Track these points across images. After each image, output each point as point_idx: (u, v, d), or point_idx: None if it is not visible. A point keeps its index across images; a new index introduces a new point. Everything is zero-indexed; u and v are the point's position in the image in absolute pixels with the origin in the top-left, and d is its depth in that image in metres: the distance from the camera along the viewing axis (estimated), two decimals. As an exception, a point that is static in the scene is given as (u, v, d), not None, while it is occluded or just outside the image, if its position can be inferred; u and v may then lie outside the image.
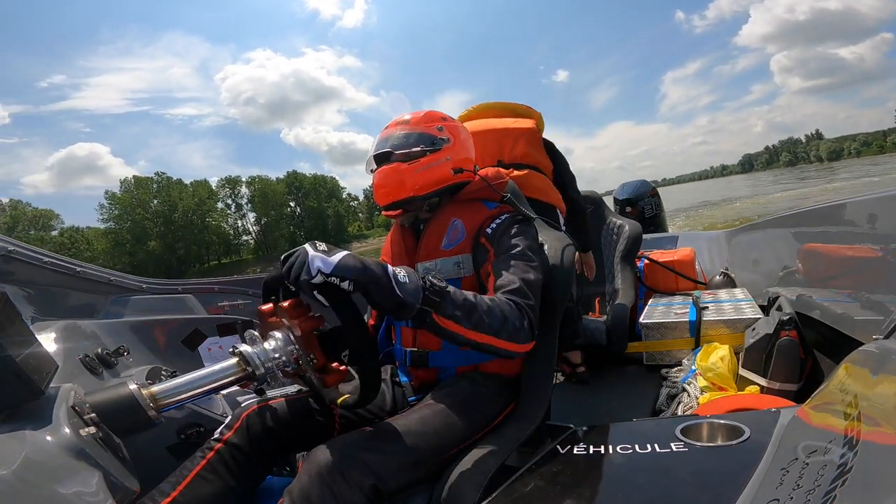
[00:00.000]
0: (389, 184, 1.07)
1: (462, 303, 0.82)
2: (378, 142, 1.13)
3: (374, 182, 1.09)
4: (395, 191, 1.07)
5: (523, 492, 0.68)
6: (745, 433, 0.69)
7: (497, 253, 1.01)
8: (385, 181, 1.07)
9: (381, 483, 0.75)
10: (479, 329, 0.83)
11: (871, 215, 1.18)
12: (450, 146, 1.11)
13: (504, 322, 0.85)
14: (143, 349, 1.52)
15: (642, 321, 1.94)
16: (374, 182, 1.09)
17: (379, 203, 1.10)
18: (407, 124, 1.13)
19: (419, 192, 1.07)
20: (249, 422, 0.92)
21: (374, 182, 1.10)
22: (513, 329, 0.86)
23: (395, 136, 1.11)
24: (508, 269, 0.96)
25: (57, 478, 0.57)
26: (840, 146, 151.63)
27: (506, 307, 0.87)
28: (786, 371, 1.38)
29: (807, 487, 0.44)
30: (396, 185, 1.06)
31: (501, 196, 1.12)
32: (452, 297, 0.81)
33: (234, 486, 0.86)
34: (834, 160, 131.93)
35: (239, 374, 0.79)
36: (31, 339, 0.72)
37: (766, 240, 2.21)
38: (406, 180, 1.06)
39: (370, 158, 1.13)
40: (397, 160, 1.08)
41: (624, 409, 1.63)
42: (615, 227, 2.28)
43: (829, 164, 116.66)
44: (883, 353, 0.59)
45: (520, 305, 0.89)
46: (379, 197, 1.09)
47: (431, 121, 1.13)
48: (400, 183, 1.06)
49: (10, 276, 1.39)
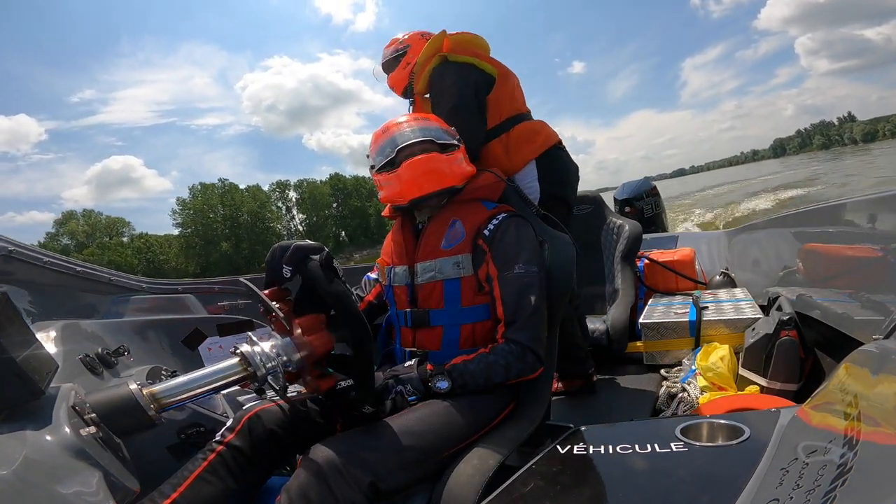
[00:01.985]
0: (430, 171, 1.04)
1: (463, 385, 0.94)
2: (400, 134, 1.09)
3: (413, 171, 1.04)
4: (439, 179, 1.05)
5: (523, 492, 0.68)
6: (745, 433, 0.69)
7: (497, 262, 1.01)
8: (425, 169, 1.04)
9: (380, 481, 0.75)
10: (489, 383, 0.95)
11: (871, 215, 1.18)
12: (462, 147, 1.14)
13: (508, 370, 0.95)
14: (143, 349, 1.52)
15: (642, 321, 1.94)
16: (413, 171, 1.04)
17: (416, 193, 1.05)
18: (428, 121, 1.14)
19: (458, 182, 1.09)
20: (251, 424, 0.91)
21: (409, 172, 1.04)
22: (518, 370, 0.97)
23: (424, 128, 1.10)
24: (513, 298, 0.99)
25: (57, 478, 0.57)
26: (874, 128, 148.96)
27: (508, 356, 0.96)
28: (786, 371, 1.38)
29: (807, 487, 0.44)
30: (440, 174, 1.06)
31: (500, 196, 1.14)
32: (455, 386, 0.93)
33: (236, 488, 0.86)
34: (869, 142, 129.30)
35: (239, 375, 0.79)
36: (31, 339, 0.72)
37: (766, 240, 2.21)
38: (448, 170, 1.07)
39: (394, 150, 1.07)
40: (435, 150, 1.07)
41: (624, 409, 1.63)
42: (615, 226, 2.28)
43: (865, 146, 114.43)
44: (883, 353, 0.59)
45: (523, 346, 0.96)
46: (419, 186, 1.05)
47: (445, 124, 1.17)
48: (442, 172, 1.06)
49: (10, 276, 1.39)
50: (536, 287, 1.00)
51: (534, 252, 1.03)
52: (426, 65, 1.53)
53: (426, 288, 1.06)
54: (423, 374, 0.94)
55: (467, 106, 1.45)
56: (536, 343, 0.97)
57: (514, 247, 1.01)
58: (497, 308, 1.00)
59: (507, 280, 1.00)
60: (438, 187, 1.06)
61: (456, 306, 1.03)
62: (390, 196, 1.11)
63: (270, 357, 0.79)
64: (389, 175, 1.08)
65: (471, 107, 1.45)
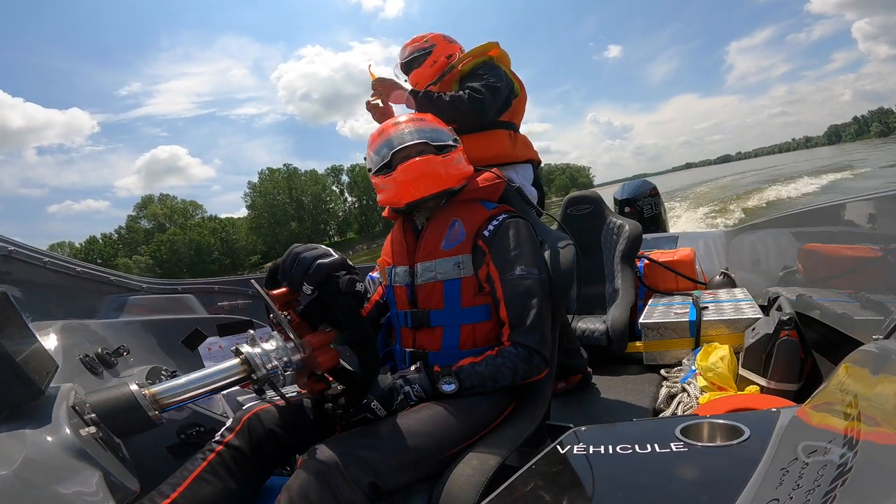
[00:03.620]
0: (426, 174, 1.04)
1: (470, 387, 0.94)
2: (396, 136, 1.09)
3: (408, 174, 1.05)
4: (435, 182, 1.05)
5: (523, 492, 0.68)
6: (745, 433, 0.69)
7: (498, 263, 1.01)
8: (421, 172, 1.04)
9: (380, 481, 0.75)
10: (496, 385, 0.95)
11: (871, 215, 1.18)
12: (460, 147, 1.14)
13: (515, 372, 0.95)
14: (143, 349, 1.52)
15: (642, 321, 1.94)
16: (408, 174, 1.05)
17: (412, 197, 1.06)
18: (424, 122, 1.13)
19: (455, 184, 1.08)
20: (251, 424, 0.91)
21: (404, 175, 1.05)
22: (525, 373, 0.96)
23: (420, 129, 1.10)
24: (516, 301, 0.99)
25: (57, 478, 0.57)
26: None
27: (515, 360, 0.96)
28: (786, 371, 1.38)
29: (806, 487, 0.44)
30: (436, 177, 1.05)
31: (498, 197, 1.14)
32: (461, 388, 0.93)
33: (235, 488, 0.86)
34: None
35: (240, 375, 0.79)
36: (31, 339, 0.72)
37: (766, 240, 2.21)
38: (444, 172, 1.06)
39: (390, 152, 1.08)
40: (431, 152, 1.07)
41: (624, 409, 1.63)
42: (615, 227, 2.28)
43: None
44: (883, 353, 0.59)
45: (530, 349, 0.96)
46: (414, 190, 1.05)
47: (442, 123, 1.16)
48: (438, 174, 1.05)
49: (9, 276, 1.39)
50: (539, 289, 1.00)
51: (534, 253, 1.03)
52: (473, 59, 1.65)
53: (426, 288, 1.06)
54: (430, 375, 0.94)
55: (501, 94, 1.60)
56: (543, 345, 0.97)
57: (515, 248, 1.01)
58: (500, 310, 1.00)
59: (509, 282, 1.00)
60: (434, 190, 1.06)
61: (456, 307, 1.03)
62: (387, 199, 1.11)
63: (271, 358, 0.79)
64: (386, 178, 1.08)
65: (501, 96, 1.61)
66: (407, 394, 0.91)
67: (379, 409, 0.86)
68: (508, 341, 0.98)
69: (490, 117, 1.61)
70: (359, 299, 0.84)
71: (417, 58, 1.75)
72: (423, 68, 1.73)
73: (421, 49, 1.75)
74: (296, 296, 0.87)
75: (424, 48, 1.74)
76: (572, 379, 1.78)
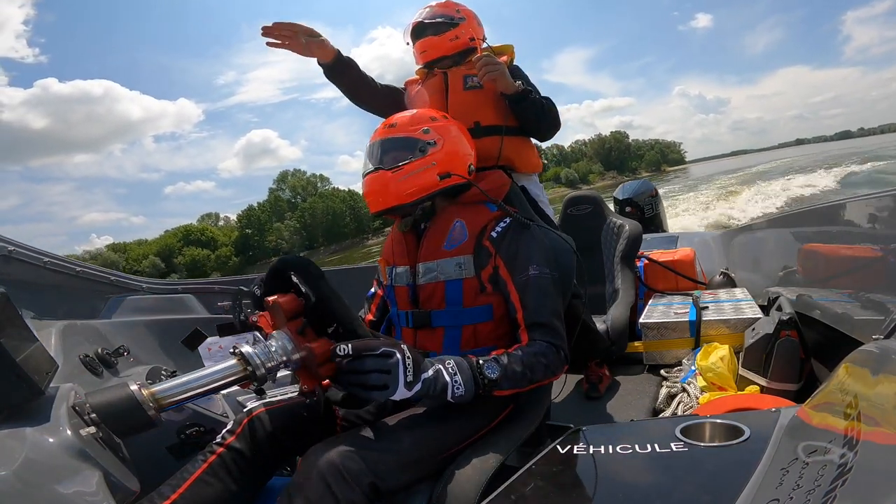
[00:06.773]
0: (374, 192, 1.08)
1: (512, 376, 0.89)
2: (368, 149, 1.12)
3: (364, 189, 1.10)
4: (380, 199, 1.07)
5: (523, 492, 0.68)
6: (745, 433, 0.69)
7: (509, 266, 1.00)
8: (370, 190, 1.08)
9: (380, 481, 0.75)
10: (531, 384, 0.92)
11: (871, 215, 1.18)
12: (437, 149, 1.07)
13: (546, 370, 0.94)
14: (143, 349, 1.52)
15: (642, 321, 1.94)
16: (364, 189, 1.10)
17: (372, 209, 1.11)
18: (393, 129, 1.12)
19: (404, 201, 1.06)
20: (251, 426, 0.91)
21: (363, 189, 1.11)
22: (554, 370, 0.95)
23: (380, 145, 1.11)
24: (535, 302, 0.98)
25: (57, 478, 0.57)
26: None
27: (547, 356, 0.94)
28: (786, 371, 1.38)
29: (807, 487, 0.44)
30: (381, 195, 1.07)
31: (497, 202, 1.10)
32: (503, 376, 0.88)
33: (236, 490, 0.86)
34: None
35: (240, 375, 0.79)
36: (31, 339, 0.72)
37: (765, 240, 2.21)
38: (390, 189, 1.06)
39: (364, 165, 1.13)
40: (382, 168, 1.08)
41: (624, 409, 1.63)
42: (615, 226, 2.28)
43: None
44: (883, 353, 0.59)
45: (556, 346, 0.96)
46: (372, 203, 1.10)
47: (418, 122, 1.11)
48: (384, 192, 1.06)
49: (9, 276, 1.39)
50: (553, 287, 1.00)
51: (545, 253, 1.03)
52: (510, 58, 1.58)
53: (427, 288, 1.06)
54: (471, 363, 0.87)
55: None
56: (564, 343, 0.98)
57: (526, 250, 1.01)
58: (516, 311, 1.00)
59: (523, 283, 0.99)
60: (382, 207, 1.08)
61: (457, 307, 1.03)
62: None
63: (271, 357, 0.79)
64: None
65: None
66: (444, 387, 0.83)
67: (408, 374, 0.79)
68: (529, 339, 0.97)
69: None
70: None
71: (440, 24, 1.55)
72: (441, 38, 1.53)
73: (448, 17, 1.55)
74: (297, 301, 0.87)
75: (453, 18, 1.55)
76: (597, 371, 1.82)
